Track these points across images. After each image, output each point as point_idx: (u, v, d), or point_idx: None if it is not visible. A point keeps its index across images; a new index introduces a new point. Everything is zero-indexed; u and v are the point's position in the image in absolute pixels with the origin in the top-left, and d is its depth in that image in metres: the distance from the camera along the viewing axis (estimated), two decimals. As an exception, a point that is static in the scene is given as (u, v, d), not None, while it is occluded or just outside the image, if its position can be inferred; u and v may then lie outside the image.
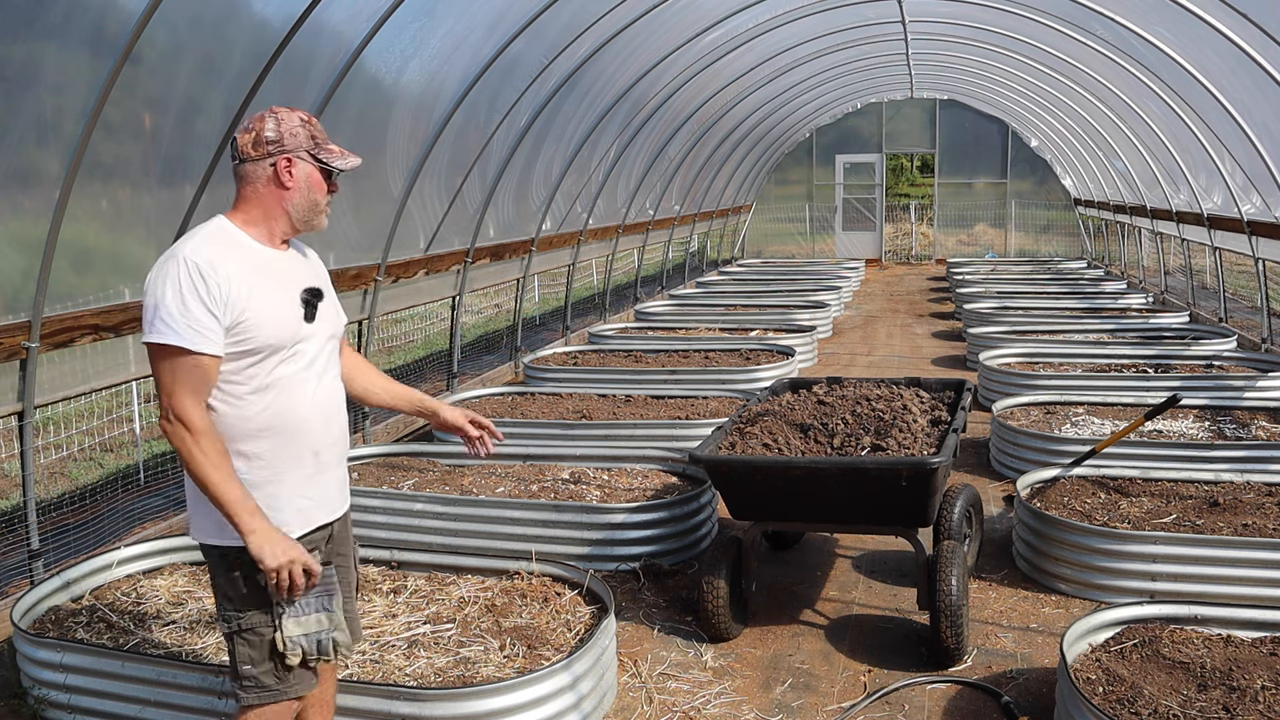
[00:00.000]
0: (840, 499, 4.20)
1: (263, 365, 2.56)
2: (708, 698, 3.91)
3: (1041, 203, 20.56)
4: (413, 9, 6.31)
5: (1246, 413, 7.10)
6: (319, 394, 2.67)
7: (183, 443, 2.45)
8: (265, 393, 2.57)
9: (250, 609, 2.58)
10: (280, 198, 2.63)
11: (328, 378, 2.72)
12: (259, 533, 2.46)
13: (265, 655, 2.59)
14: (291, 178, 2.62)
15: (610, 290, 13.79)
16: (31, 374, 4.49)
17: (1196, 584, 4.48)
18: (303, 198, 2.65)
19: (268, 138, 2.59)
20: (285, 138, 2.60)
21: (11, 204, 4.44)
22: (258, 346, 2.54)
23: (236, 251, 2.56)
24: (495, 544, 5.17)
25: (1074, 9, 9.35)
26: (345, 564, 2.88)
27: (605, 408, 7.65)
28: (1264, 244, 9.69)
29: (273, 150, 2.59)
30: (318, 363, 2.68)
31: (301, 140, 2.62)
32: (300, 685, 2.65)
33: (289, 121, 2.62)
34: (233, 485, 2.47)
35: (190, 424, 2.45)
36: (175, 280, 2.45)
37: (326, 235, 6.79)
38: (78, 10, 4.27)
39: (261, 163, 2.60)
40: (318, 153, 2.65)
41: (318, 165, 2.66)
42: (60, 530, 5.28)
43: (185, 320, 2.43)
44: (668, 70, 10.59)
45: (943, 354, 11.17)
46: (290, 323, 2.60)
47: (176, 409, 2.45)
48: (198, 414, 2.46)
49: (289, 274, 2.66)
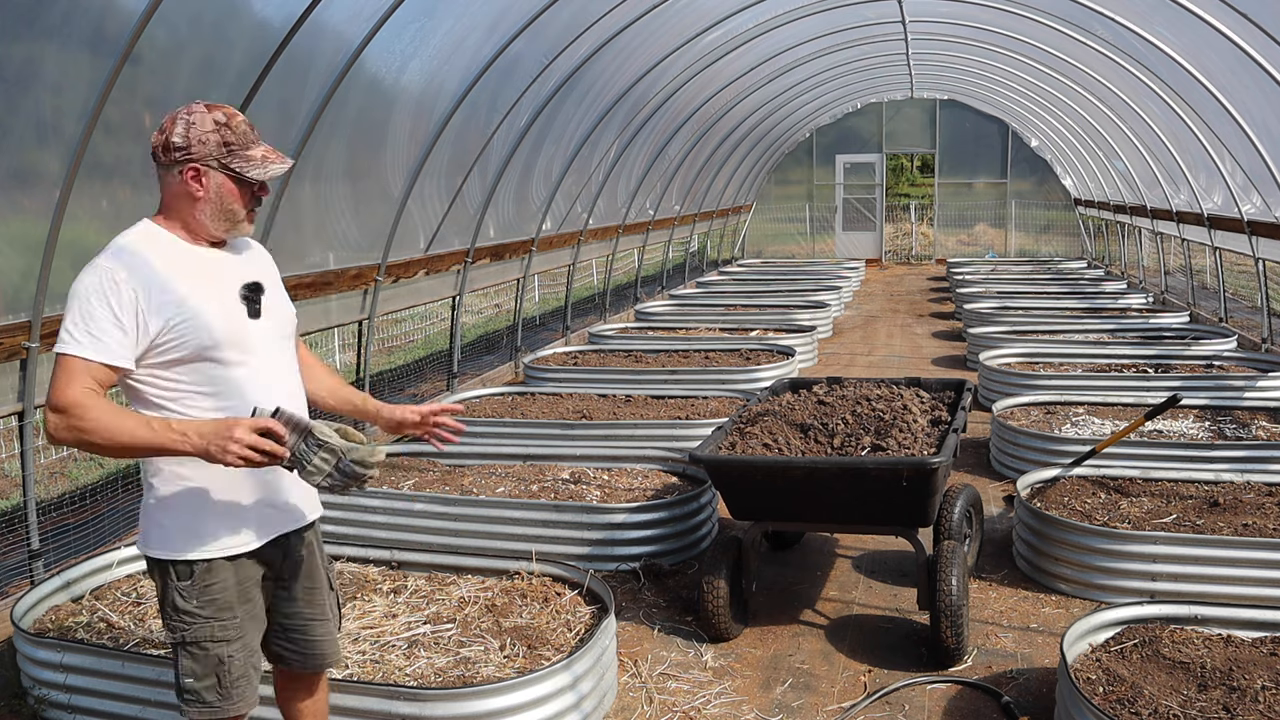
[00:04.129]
0: (840, 499, 4.20)
1: (207, 367, 2.45)
2: (708, 698, 3.91)
3: (1041, 203, 20.56)
4: (413, 9, 6.31)
5: (1246, 413, 7.10)
6: (275, 395, 2.50)
7: (70, 428, 2.29)
8: (216, 397, 2.46)
9: (196, 622, 2.50)
10: (193, 205, 2.47)
11: (283, 376, 2.60)
12: (192, 436, 2.28)
13: (209, 670, 2.53)
14: (201, 187, 2.45)
15: (610, 290, 13.79)
16: (31, 374, 4.49)
17: (1196, 584, 4.48)
18: (215, 208, 2.48)
19: (174, 143, 2.42)
20: (193, 145, 2.41)
21: (12, 204, 4.44)
22: (196, 349, 2.42)
23: (163, 254, 2.44)
24: (495, 544, 5.17)
25: (1074, 9, 9.35)
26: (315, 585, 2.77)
27: (605, 408, 7.65)
28: (1264, 244, 9.69)
29: (179, 159, 2.42)
30: (270, 362, 2.56)
31: (211, 148, 2.42)
32: (243, 703, 2.58)
33: (201, 125, 2.42)
34: (140, 425, 2.31)
35: (69, 405, 2.28)
36: (86, 290, 2.34)
37: (326, 235, 6.80)
38: (78, 10, 4.27)
39: (171, 170, 2.45)
40: (230, 161, 2.44)
41: (229, 174, 2.46)
42: (60, 530, 5.28)
43: (87, 328, 2.33)
44: (668, 70, 10.59)
45: (943, 354, 11.17)
46: (230, 321, 2.47)
47: (54, 402, 2.30)
48: (74, 394, 2.29)
49: (223, 271, 2.52)
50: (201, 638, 2.51)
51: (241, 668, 2.57)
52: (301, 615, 2.76)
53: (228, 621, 2.53)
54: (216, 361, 2.46)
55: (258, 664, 2.64)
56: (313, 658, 2.81)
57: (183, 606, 2.50)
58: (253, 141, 2.49)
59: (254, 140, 2.50)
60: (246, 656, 2.59)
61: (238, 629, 2.56)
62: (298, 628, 2.76)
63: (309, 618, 2.77)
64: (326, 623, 2.82)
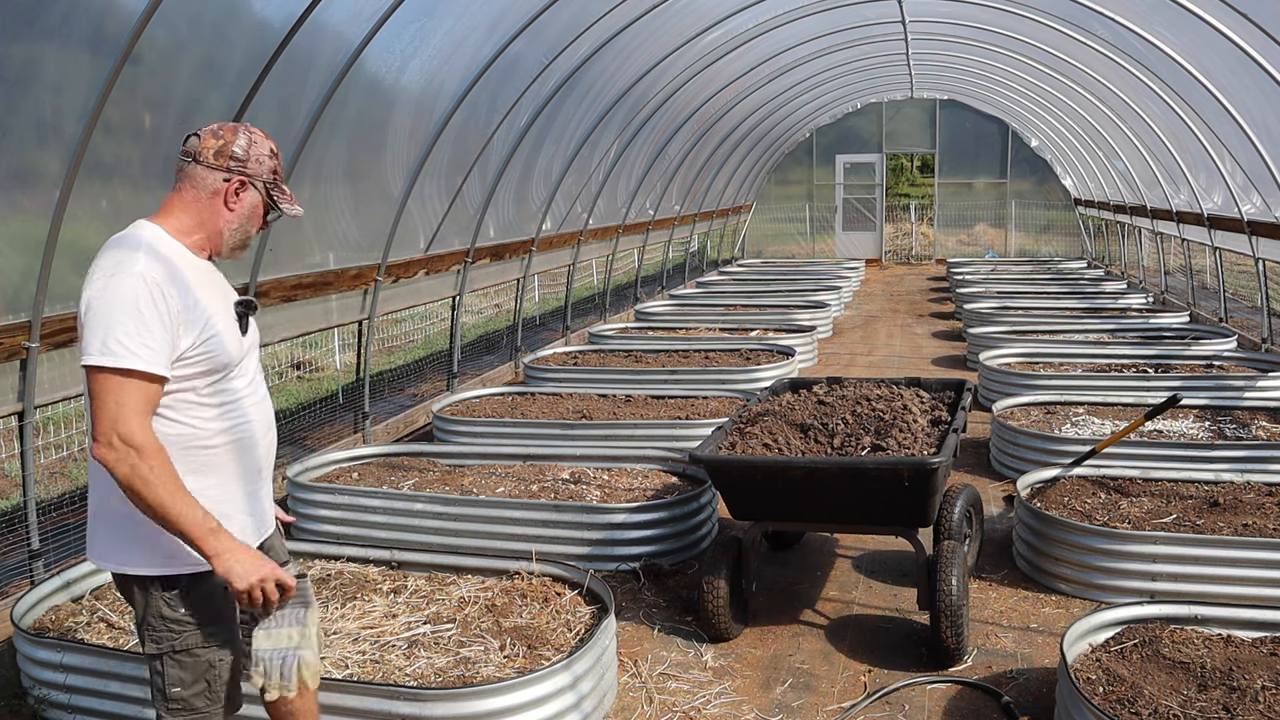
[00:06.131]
0: (840, 499, 4.20)
1: (221, 382, 2.48)
2: (708, 698, 3.91)
3: (1041, 203, 20.57)
4: (413, 9, 6.31)
5: (1246, 413, 7.10)
6: (261, 407, 2.61)
7: (132, 469, 2.27)
8: (224, 409, 2.49)
9: (186, 629, 2.48)
10: (220, 216, 2.49)
11: (260, 392, 2.64)
12: (225, 554, 2.33)
13: (198, 676, 2.50)
14: (239, 200, 2.50)
15: (610, 290, 13.79)
16: (31, 374, 4.49)
17: (1196, 584, 4.48)
18: (240, 226, 2.53)
19: (234, 153, 2.47)
20: (251, 161, 2.48)
21: (12, 204, 4.44)
22: (219, 364, 2.45)
23: (181, 266, 2.43)
24: (495, 544, 5.17)
25: (1074, 9, 9.35)
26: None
27: (605, 408, 7.65)
28: (1264, 244, 9.69)
29: (234, 167, 2.47)
30: (252, 379, 2.61)
31: (264, 171, 2.52)
32: (229, 704, 2.58)
33: (260, 147, 2.51)
34: (192, 507, 2.31)
35: (140, 446, 2.27)
36: (134, 298, 2.29)
37: (326, 235, 6.80)
38: (78, 10, 4.27)
39: (216, 173, 2.46)
40: (273, 190, 2.55)
41: (266, 201, 2.55)
42: (60, 530, 5.28)
43: (142, 341, 2.29)
44: (668, 70, 10.60)
45: (943, 354, 11.17)
46: (236, 337, 2.52)
47: (124, 432, 2.27)
48: (147, 435, 2.30)
49: (221, 286, 2.57)
50: (192, 645, 2.49)
51: (230, 671, 2.57)
52: None
53: (218, 626, 2.53)
54: (227, 376, 2.50)
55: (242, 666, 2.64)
56: None
57: (170, 615, 2.48)
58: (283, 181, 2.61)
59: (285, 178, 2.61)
60: (235, 659, 2.59)
61: (228, 632, 2.56)
62: None
63: None
64: None
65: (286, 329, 6.57)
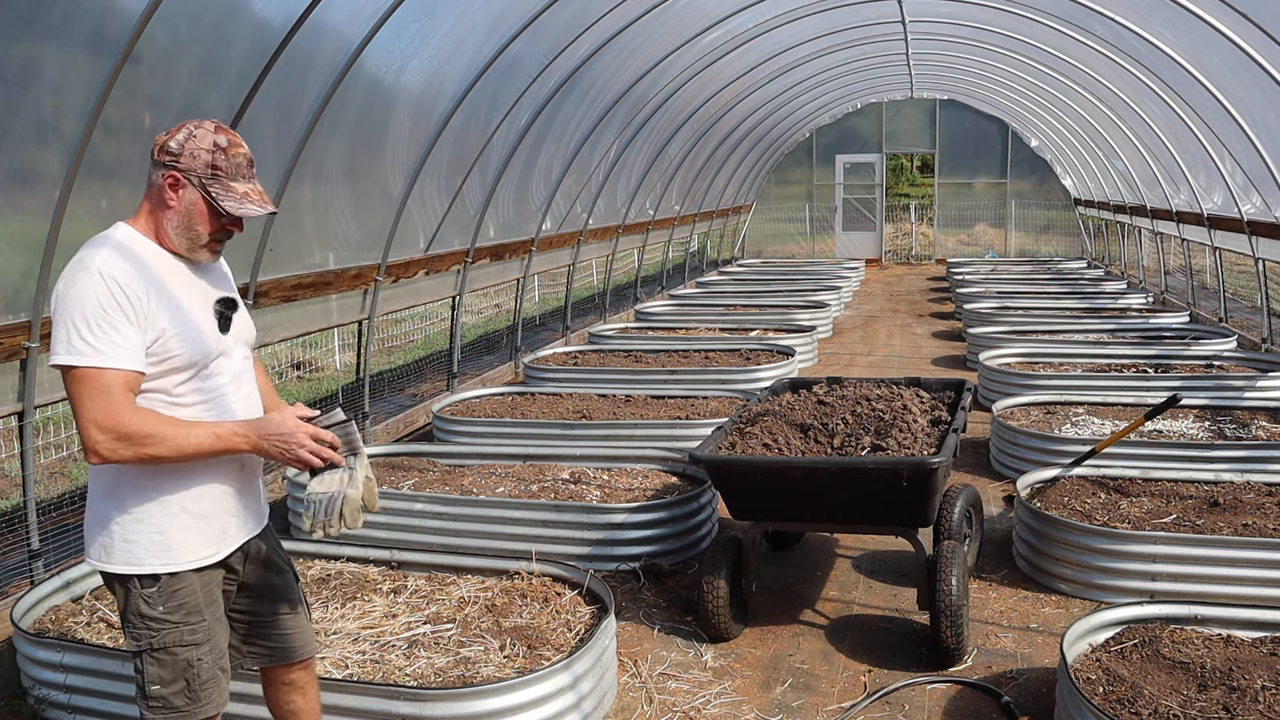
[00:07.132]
0: (840, 499, 4.20)
1: (196, 380, 2.47)
2: (708, 698, 3.91)
3: (1041, 203, 20.57)
4: (413, 9, 6.31)
5: (1246, 413, 7.10)
6: (247, 404, 2.60)
7: (134, 454, 2.32)
8: (203, 406, 2.49)
9: (164, 627, 2.49)
10: (163, 213, 2.46)
11: (246, 388, 2.64)
12: (252, 438, 2.41)
13: (177, 674, 2.51)
14: (175, 197, 2.44)
15: (610, 290, 13.79)
16: (31, 374, 4.49)
17: (1196, 584, 4.48)
18: (180, 222, 2.46)
19: (170, 148, 2.42)
20: (183, 155, 2.42)
21: (12, 204, 4.44)
22: (180, 364, 2.43)
23: (147, 263, 2.42)
24: (495, 544, 5.17)
25: (1074, 9, 9.35)
26: (284, 579, 2.80)
27: (605, 408, 7.65)
28: (1264, 244, 9.69)
29: (168, 162, 2.42)
30: (239, 375, 2.61)
31: (198, 165, 2.42)
32: (209, 705, 2.57)
33: (198, 141, 2.42)
34: (200, 433, 2.37)
35: (127, 433, 2.30)
36: (92, 295, 2.30)
37: (326, 235, 6.80)
38: (78, 10, 4.27)
39: (157, 170, 2.45)
40: (210, 185, 2.44)
41: (205, 197, 2.45)
42: (60, 530, 5.28)
43: (109, 338, 2.29)
44: (668, 70, 10.60)
45: (943, 354, 11.17)
46: (208, 336, 2.49)
47: (106, 426, 2.29)
48: (127, 418, 2.30)
49: (199, 284, 2.54)
50: (170, 643, 2.50)
51: (210, 670, 2.56)
52: (268, 612, 2.77)
53: (195, 625, 2.52)
54: (202, 373, 2.49)
55: (225, 665, 2.63)
56: (286, 651, 2.82)
57: (148, 613, 2.48)
58: (243, 176, 2.49)
59: (245, 175, 2.49)
60: (215, 659, 2.58)
61: (206, 631, 2.55)
62: (265, 624, 2.78)
63: (276, 613, 2.79)
64: (294, 615, 2.83)
65: (286, 329, 6.57)
